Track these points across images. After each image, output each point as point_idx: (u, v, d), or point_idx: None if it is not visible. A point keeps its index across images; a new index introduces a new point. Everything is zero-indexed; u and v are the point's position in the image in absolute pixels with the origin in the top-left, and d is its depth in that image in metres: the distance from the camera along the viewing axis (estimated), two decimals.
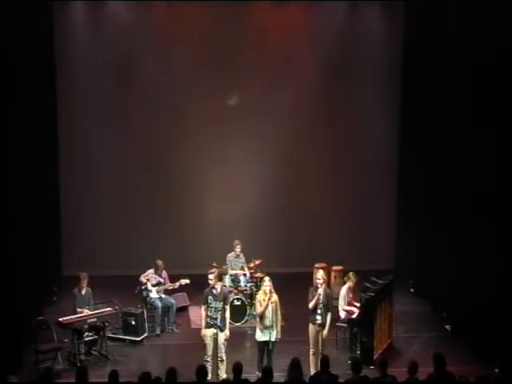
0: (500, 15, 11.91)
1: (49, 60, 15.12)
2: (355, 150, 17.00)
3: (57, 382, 10.56)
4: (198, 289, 12.29)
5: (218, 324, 11.08)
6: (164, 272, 13.67)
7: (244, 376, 8.95)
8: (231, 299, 12.74)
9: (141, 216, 16.51)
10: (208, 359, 11.10)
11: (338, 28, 16.48)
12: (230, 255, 14.47)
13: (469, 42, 13.00)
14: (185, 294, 14.58)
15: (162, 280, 13.56)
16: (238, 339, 12.61)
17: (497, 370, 11.15)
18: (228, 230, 15.66)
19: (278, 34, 16.35)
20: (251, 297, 13.86)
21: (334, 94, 16.74)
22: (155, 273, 13.55)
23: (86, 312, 12.24)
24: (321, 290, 11.14)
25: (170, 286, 13.63)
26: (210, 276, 11.27)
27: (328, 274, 14.32)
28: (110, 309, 12.57)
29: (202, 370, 8.88)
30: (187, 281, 13.63)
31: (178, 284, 13.63)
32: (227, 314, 11.29)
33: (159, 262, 13.60)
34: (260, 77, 16.39)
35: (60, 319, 12.00)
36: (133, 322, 13.01)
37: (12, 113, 12.22)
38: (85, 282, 12.50)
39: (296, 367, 9.07)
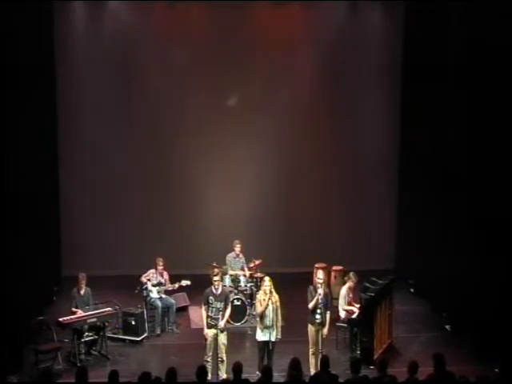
0: (501, 15, 11.91)
1: (49, 60, 15.12)
2: (356, 150, 17.01)
3: (57, 382, 10.57)
4: (198, 289, 12.32)
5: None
6: (165, 273, 13.65)
7: (244, 376, 8.95)
8: (231, 299, 12.73)
9: (141, 216, 16.52)
10: (208, 359, 11.10)
11: (338, 28, 16.48)
12: (230, 255, 14.47)
13: (469, 42, 12.99)
14: (185, 293, 14.58)
15: (162, 281, 13.55)
16: (238, 339, 12.62)
17: (497, 370, 11.13)
18: (228, 230, 15.66)
19: (278, 33, 16.34)
20: (251, 297, 13.86)
21: (334, 94, 16.76)
22: (156, 271, 13.53)
23: (80, 313, 12.20)
24: (320, 291, 11.16)
25: (170, 287, 13.61)
26: (216, 277, 11.28)
27: (328, 274, 14.35)
28: (109, 309, 12.57)
29: (201, 370, 8.88)
30: (188, 282, 13.60)
31: (177, 285, 13.62)
32: (227, 312, 11.30)
33: (159, 260, 13.57)
34: (260, 76, 16.41)
35: (60, 319, 12.00)
36: (133, 322, 12.99)
37: (11, 113, 12.20)
38: (83, 282, 12.50)
39: (296, 367, 9.06)
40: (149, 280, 13.46)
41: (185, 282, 13.61)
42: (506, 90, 11.90)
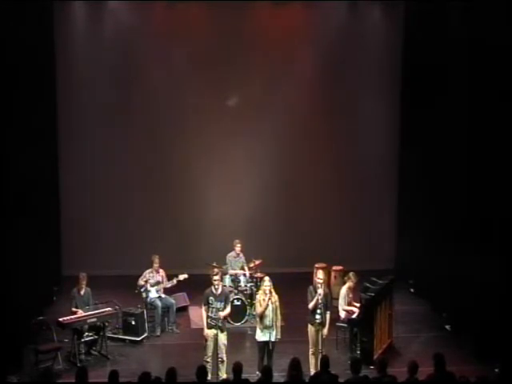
0: (501, 15, 11.92)
1: (49, 60, 15.12)
2: (355, 150, 17.02)
3: (57, 382, 10.57)
4: (198, 289, 12.32)
5: (219, 324, 11.10)
6: (161, 270, 13.64)
7: (244, 376, 8.95)
8: (231, 299, 12.72)
9: (141, 216, 16.52)
10: (208, 359, 11.10)
11: (338, 28, 16.48)
12: (230, 255, 14.47)
13: (469, 42, 13.00)
14: (185, 293, 14.58)
15: (160, 279, 13.54)
16: (237, 339, 12.61)
17: (497, 370, 11.14)
18: (228, 229, 15.66)
19: (278, 33, 16.35)
20: (251, 297, 13.86)
21: (334, 94, 16.76)
22: (152, 270, 13.50)
23: (81, 313, 12.21)
24: (320, 291, 11.16)
25: (168, 283, 13.60)
26: (216, 277, 11.28)
27: (328, 274, 14.34)
28: (109, 309, 12.57)
29: (201, 370, 8.88)
30: (185, 275, 13.58)
31: (175, 281, 13.58)
32: (227, 311, 11.28)
33: (155, 257, 13.52)
34: (260, 77, 16.40)
35: (60, 319, 12.00)
36: (133, 322, 12.99)
37: (12, 113, 12.20)
38: (84, 283, 12.50)
39: (296, 367, 9.06)
40: (146, 281, 13.45)
41: (182, 276, 13.56)
42: (506, 90, 11.89)
